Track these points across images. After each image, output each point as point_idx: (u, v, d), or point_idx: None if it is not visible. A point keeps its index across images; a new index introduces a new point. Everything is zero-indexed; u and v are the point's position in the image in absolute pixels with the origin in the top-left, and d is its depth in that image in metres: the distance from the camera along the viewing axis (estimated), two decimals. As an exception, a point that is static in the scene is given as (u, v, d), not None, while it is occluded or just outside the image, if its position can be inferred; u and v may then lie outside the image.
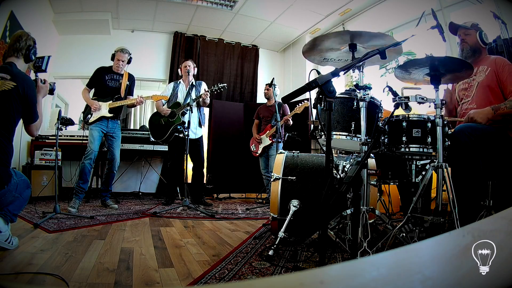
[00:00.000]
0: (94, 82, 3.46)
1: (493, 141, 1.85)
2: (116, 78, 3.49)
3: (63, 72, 4.79)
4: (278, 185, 1.97)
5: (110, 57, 3.49)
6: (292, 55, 5.90)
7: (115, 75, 3.49)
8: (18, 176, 1.78)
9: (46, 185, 3.81)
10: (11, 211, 1.70)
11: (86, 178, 3.23)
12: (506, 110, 1.85)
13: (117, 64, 3.46)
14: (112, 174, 3.48)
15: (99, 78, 3.44)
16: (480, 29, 2.13)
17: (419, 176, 1.92)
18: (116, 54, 3.46)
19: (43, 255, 1.59)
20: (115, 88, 3.46)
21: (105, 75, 3.45)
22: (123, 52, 3.46)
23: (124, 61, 3.47)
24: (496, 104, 1.90)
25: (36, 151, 3.92)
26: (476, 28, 2.14)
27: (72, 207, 2.97)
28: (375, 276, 0.41)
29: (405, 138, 1.80)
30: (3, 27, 3.20)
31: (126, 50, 3.49)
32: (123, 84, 3.49)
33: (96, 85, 3.46)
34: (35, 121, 1.86)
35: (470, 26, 2.15)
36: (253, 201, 4.49)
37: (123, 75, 3.52)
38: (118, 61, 3.45)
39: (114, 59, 3.47)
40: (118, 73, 3.49)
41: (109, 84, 3.45)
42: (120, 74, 3.51)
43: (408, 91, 1.82)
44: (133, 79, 3.62)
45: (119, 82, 3.48)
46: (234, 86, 5.66)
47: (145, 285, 1.27)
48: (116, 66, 3.46)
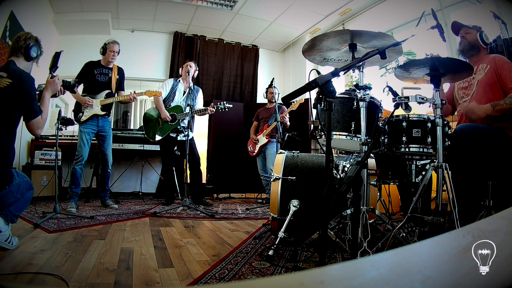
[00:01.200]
0: (83, 77, 3.29)
1: (493, 141, 1.85)
2: (106, 72, 3.35)
3: (63, 72, 4.77)
4: (278, 185, 1.96)
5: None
6: (292, 55, 5.90)
7: (104, 69, 3.35)
8: (21, 177, 1.77)
9: (46, 185, 3.81)
10: (12, 212, 1.70)
11: (78, 183, 3.18)
12: (505, 106, 1.84)
13: (112, 56, 3.32)
14: (107, 174, 3.44)
15: (88, 73, 3.29)
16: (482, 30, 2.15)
17: (419, 176, 1.92)
18: (108, 46, 3.32)
19: (43, 255, 1.59)
20: (105, 83, 3.32)
21: (94, 70, 3.30)
22: (115, 43, 3.34)
23: (117, 52, 3.35)
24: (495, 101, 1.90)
25: (36, 151, 3.92)
26: (477, 29, 2.16)
27: (72, 207, 2.97)
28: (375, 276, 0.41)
29: (405, 138, 1.80)
30: (3, 27, 3.21)
31: (117, 41, 3.38)
32: (113, 78, 3.35)
33: (85, 81, 3.31)
34: (34, 117, 1.79)
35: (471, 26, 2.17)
36: (253, 201, 4.49)
37: (112, 69, 3.38)
38: (112, 53, 3.32)
39: (105, 51, 3.33)
40: (107, 67, 3.36)
41: (99, 79, 3.31)
42: (109, 68, 3.37)
43: (408, 91, 1.82)
44: (122, 73, 3.48)
45: (109, 76, 3.35)
46: (234, 86, 5.66)
47: (145, 285, 1.27)
48: (111, 58, 3.33)
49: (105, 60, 3.37)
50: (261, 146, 4.21)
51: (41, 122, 1.83)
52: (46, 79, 1.97)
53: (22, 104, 1.75)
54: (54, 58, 2.23)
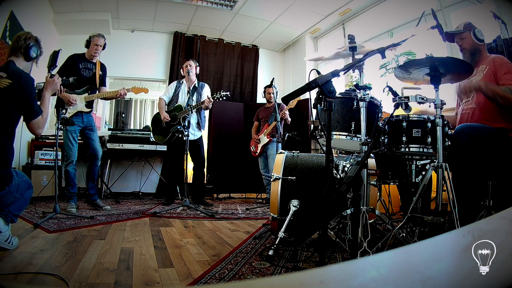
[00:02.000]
0: (66, 71, 3.04)
1: (493, 141, 1.85)
2: (90, 67, 3.21)
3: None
4: (278, 185, 1.96)
5: (110, 56, 3.44)
6: (292, 55, 5.90)
7: (88, 64, 3.21)
8: (20, 176, 1.77)
9: (46, 185, 3.81)
10: (11, 212, 1.70)
11: (73, 183, 3.11)
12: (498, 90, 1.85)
13: (95, 50, 3.17)
14: (96, 168, 3.30)
15: (72, 67, 3.11)
16: (473, 27, 2.11)
17: (419, 176, 1.92)
18: (92, 39, 3.17)
19: (43, 255, 1.59)
20: (89, 78, 3.19)
21: (79, 64, 3.15)
22: (100, 36, 3.20)
23: (101, 46, 3.21)
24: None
25: (36, 151, 3.92)
26: (468, 28, 2.12)
27: (72, 207, 2.97)
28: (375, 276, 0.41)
29: (405, 138, 1.80)
30: (3, 27, 3.20)
31: (102, 34, 3.24)
32: (97, 74, 3.22)
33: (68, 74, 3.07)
34: (34, 117, 1.79)
35: (463, 28, 2.14)
36: (253, 201, 4.49)
37: (96, 64, 3.25)
38: (96, 46, 3.17)
39: (89, 44, 3.19)
40: (91, 61, 3.23)
41: (84, 74, 3.16)
42: (93, 63, 3.24)
43: (408, 91, 1.82)
44: (105, 69, 3.35)
45: (93, 71, 3.21)
46: (234, 86, 5.66)
47: (145, 285, 1.27)
48: (94, 51, 3.17)
49: (88, 54, 3.23)
50: (263, 145, 4.21)
51: (41, 122, 1.84)
52: (46, 78, 1.97)
53: (22, 104, 1.75)
54: (52, 56, 2.22)
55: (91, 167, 3.31)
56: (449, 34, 2.22)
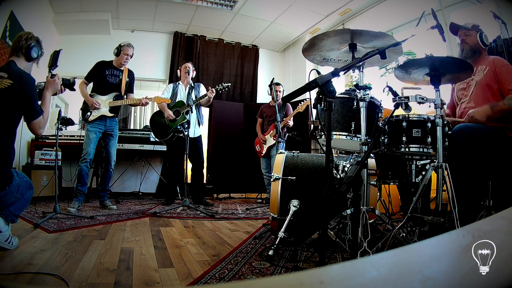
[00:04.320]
0: (93, 76, 3.32)
1: (492, 141, 1.85)
2: (117, 74, 3.38)
3: (63, 72, 4.76)
4: (278, 185, 1.96)
5: (110, 56, 3.45)
6: (292, 55, 5.90)
7: (115, 71, 3.38)
8: (20, 177, 1.77)
9: (46, 185, 3.81)
10: (12, 212, 1.70)
11: (84, 181, 3.18)
12: (504, 107, 1.84)
13: (125, 59, 3.36)
14: (109, 173, 3.43)
15: (100, 73, 3.31)
16: (481, 30, 2.14)
17: (419, 176, 1.92)
18: (123, 48, 3.35)
19: (43, 255, 1.59)
20: (115, 85, 3.36)
21: (105, 70, 3.33)
22: (130, 46, 3.38)
23: (130, 56, 3.40)
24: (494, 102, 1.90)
25: (36, 151, 3.92)
26: (476, 29, 2.14)
27: (72, 207, 2.97)
28: (375, 276, 0.41)
29: (405, 138, 1.80)
30: (3, 27, 3.21)
31: (132, 44, 3.42)
32: (123, 81, 3.38)
33: (95, 80, 3.35)
34: (35, 118, 1.80)
35: (470, 27, 2.15)
36: (253, 201, 4.49)
37: (123, 71, 3.42)
38: (126, 56, 3.35)
39: (119, 53, 3.36)
40: (118, 68, 3.39)
41: (110, 80, 3.33)
42: (120, 70, 3.40)
43: (408, 91, 1.82)
44: (133, 76, 3.52)
45: (119, 78, 3.38)
46: (234, 86, 5.66)
47: (145, 285, 1.27)
48: (124, 60, 3.37)
49: (117, 62, 3.39)
50: (269, 147, 4.19)
51: (42, 122, 1.84)
52: (46, 78, 1.97)
53: (24, 105, 1.75)
54: (53, 56, 2.23)
55: (104, 170, 3.45)
56: (455, 26, 2.22)
